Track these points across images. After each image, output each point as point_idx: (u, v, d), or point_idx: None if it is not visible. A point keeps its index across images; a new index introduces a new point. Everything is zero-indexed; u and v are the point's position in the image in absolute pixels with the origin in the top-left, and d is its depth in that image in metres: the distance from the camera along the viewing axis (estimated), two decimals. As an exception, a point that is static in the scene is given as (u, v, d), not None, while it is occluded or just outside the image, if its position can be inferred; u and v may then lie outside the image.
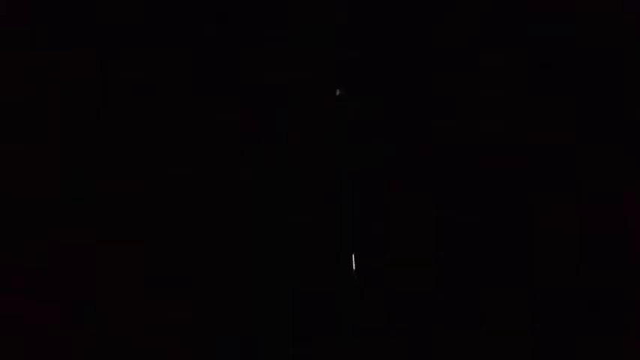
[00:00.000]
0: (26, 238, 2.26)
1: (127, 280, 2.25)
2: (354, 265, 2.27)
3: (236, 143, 2.31)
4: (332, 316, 2.25)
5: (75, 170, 2.29)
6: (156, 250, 2.26)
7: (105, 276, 2.25)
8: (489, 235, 2.28)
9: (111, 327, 2.22)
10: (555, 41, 2.34)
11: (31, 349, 2.21)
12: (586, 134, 2.31)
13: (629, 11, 2.34)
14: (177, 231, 2.27)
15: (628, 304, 2.23)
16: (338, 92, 2.28)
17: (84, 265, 2.25)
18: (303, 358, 2.23)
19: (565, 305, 2.24)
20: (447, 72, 2.34)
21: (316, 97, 2.33)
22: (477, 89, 2.34)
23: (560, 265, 2.26)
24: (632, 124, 2.31)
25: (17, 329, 2.21)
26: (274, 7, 2.34)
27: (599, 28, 2.33)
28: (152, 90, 2.32)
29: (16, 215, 2.26)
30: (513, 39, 2.34)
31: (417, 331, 2.24)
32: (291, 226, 2.28)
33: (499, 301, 2.25)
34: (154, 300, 2.24)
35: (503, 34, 2.34)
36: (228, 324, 2.24)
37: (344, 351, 2.24)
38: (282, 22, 2.34)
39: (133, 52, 2.33)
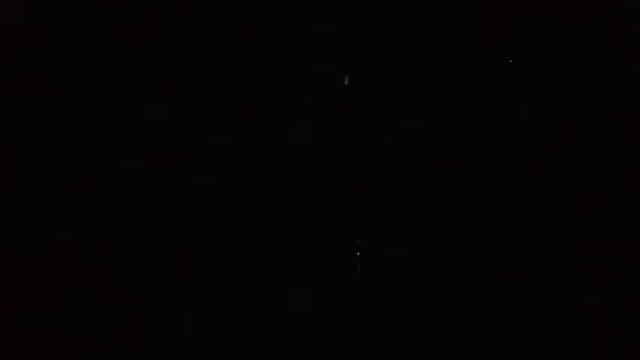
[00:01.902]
0: (26, 237, 2.25)
1: (127, 280, 2.24)
2: (356, 264, 2.27)
3: (236, 142, 2.30)
4: (332, 316, 2.25)
5: (74, 170, 2.29)
6: (156, 250, 2.26)
7: (105, 276, 2.24)
8: (490, 234, 2.28)
9: (110, 327, 2.22)
10: (556, 41, 2.34)
11: (31, 349, 2.21)
12: (586, 134, 2.31)
13: (629, 11, 2.34)
14: (178, 231, 2.27)
15: (628, 304, 2.23)
16: (347, 80, 2.28)
17: (84, 264, 2.25)
18: (303, 357, 2.23)
19: (566, 305, 2.24)
20: (447, 72, 2.34)
21: (316, 97, 2.33)
22: (477, 89, 2.33)
23: (560, 265, 2.26)
24: (632, 124, 2.31)
25: (17, 329, 2.21)
26: (275, 5, 2.34)
27: (599, 28, 2.33)
28: (152, 90, 2.32)
29: (15, 215, 2.26)
30: (514, 38, 2.34)
31: (417, 331, 2.24)
32: (292, 226, 2.28)
33: (499, 301, 2.25)
34: (153, 300, 2.24)
35: (505, 33, 2.34)
36: (228, 324, 2.23)
37: (344, 351, 2.24)
38: (283, 19, 2.34)
39: (133, 52, 2.33)
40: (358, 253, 2.26)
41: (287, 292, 2.25)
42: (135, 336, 2.22)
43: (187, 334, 2.22)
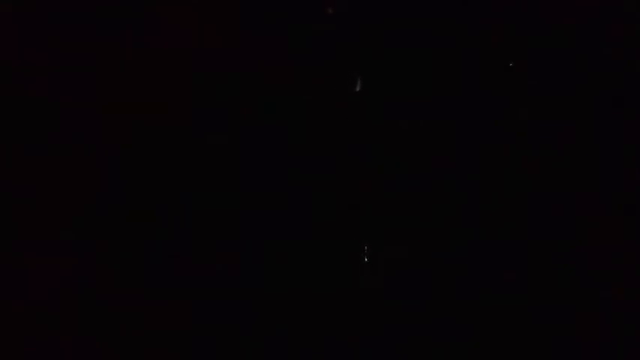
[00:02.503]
0: (26, 237, 2.26)
1: (127, 280, 2.25)
2: (358, 264, 2.27)
3: (236, 142, 2.31)
4: (332, 316, 2.25)
5: (74, 170, 2.29)
6: (156, 250, 2.26)
7: (105, 276, 2.25)
8: (490, 234, 2.28)
9: (110, 327, 2.22)
10: (556, 41, 2.34)
11: (31, 349, 2.21)
12: (586, 134, 2.31)
13: (629, 11, 2.34)
14: (178, 230, 2.27)
15: (628, 304, 2.23)
16: (359, 86, 2.28)
17: (84, 264, 2.25)
18: (303, 357, 2.23)
19: (566, 305, 2.24)
20: (447, 72, 2.34)
21: (317, 98, 2.33)
22: (477, 89, 2.34)
23: (560, 265, 2.26)
24: (632, 124, 2.31)
25: (17, 329, 2.21)
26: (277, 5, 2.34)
27: (599, 28, 2.33)
28: (152, 90, 2.32)
29: (15, 215, 2.26)
30: (514, 38, 2.34)
31: (417, 331, 2.24)
32: (291, 226, 2.28)
33: (499, 301, 2.25)
34: (153, 300, 2.24)
35: (505, 33, 2.34)
36: (228, 324, 2.24)
37: (344, 351, 2.24)
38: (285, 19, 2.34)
39: (134, 52, 2.33)
40: (366, 259, 2.26)
41: (287, 293, 2.25)
42: (135, 336, 2.22)
43: (187, 334, 2.22)
